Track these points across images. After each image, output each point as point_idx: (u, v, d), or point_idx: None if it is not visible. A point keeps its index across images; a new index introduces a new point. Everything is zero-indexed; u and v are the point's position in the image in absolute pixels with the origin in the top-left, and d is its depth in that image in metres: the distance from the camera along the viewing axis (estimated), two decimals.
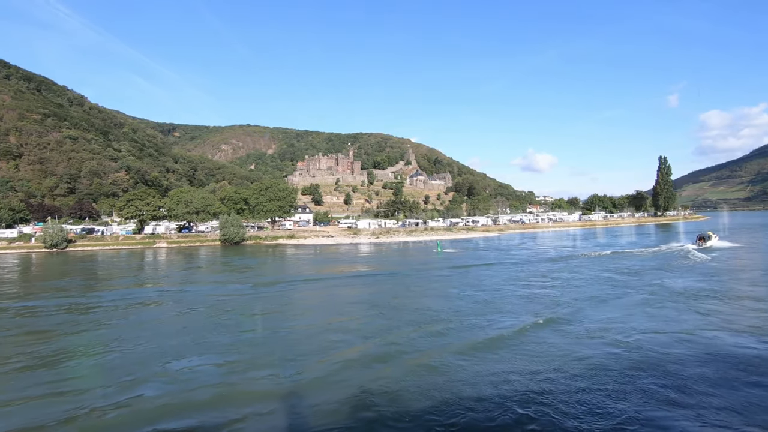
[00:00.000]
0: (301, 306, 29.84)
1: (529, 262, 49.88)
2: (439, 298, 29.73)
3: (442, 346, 18.28)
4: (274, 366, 16.38)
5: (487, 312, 24.64)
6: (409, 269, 46.63)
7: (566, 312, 24.05)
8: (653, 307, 24.90)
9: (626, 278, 35.91)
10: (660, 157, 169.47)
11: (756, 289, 30.13)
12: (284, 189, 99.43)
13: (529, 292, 30.86)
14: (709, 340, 18.48)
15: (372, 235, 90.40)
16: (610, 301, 26.92)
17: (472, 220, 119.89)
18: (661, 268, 41.14)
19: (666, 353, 16.84)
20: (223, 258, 66.56)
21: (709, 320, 21.81)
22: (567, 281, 35.26)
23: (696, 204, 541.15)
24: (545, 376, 14.66)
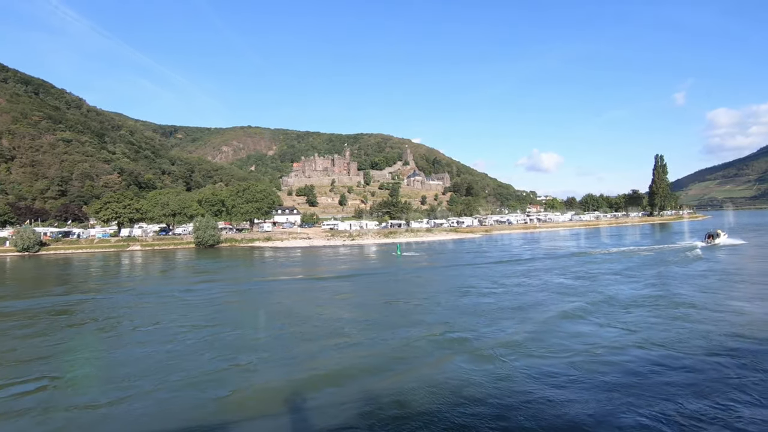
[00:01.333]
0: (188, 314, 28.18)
1: (475, 265, 48.26)
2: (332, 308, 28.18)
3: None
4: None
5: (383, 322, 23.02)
6: (350, 273, 45.08)
7: (433, 331, 22.33)
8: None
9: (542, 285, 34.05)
10: (656, 156, 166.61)
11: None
12: (262, 191, 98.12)
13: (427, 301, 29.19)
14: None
15: (349, 237, 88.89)
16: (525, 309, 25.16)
17: (457, 221, 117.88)
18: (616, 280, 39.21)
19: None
20: (186, 262, 65.35)
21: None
22: (493, 287, 33.55)
23: (702, 203, 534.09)
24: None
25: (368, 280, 40.81)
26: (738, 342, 18.12)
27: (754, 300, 26.50)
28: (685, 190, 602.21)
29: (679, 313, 23.57)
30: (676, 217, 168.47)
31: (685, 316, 22.74)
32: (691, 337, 18.97)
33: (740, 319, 21.99)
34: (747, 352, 16.84)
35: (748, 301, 26.30)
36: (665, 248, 60.86)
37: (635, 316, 23.06)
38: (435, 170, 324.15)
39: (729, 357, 16.33)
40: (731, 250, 54.62)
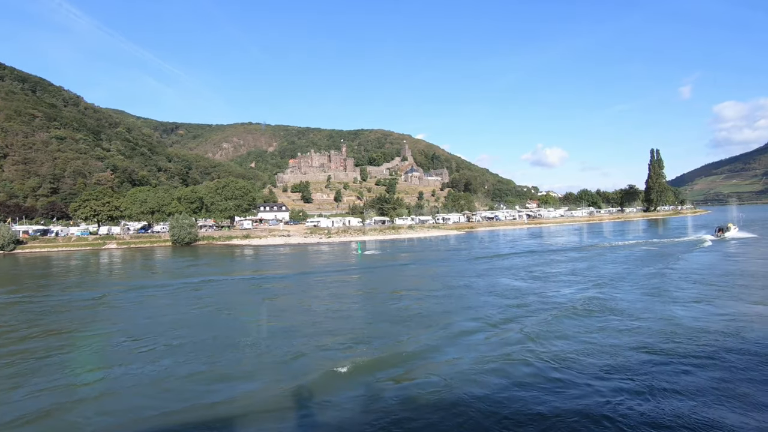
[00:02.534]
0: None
1: (426, 262, 46.79)
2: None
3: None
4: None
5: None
6: (299, 272, 43.75)
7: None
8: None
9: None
10: (651, 150, 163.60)
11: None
12: (242, 188, 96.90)
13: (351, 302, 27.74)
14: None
15: (326, 234, 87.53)
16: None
17: (443, 218, 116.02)
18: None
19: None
20: (151, 261, 64.38)
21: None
22: (423, 290, 32.08)
23: (708, 198, 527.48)
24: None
25: (306, 280, 39.43)
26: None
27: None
28: (690, 185, 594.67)
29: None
30: (673, 213, 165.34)
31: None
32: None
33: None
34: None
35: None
36: (656, 243, 59.09)
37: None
38: (434, 166, 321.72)
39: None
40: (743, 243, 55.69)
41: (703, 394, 13.01)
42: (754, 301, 25.21)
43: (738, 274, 34.48)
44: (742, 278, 32.60)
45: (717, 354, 16.34)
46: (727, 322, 20.84)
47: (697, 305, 24.63)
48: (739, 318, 21.49)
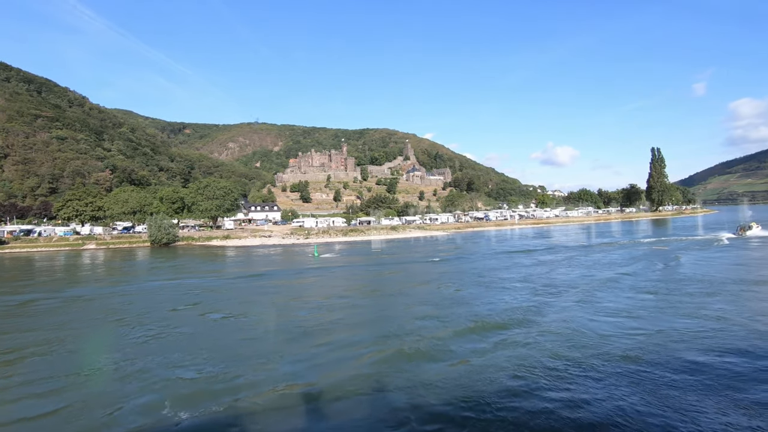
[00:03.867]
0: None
1: (382, 264, 45.22)
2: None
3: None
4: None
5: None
6: (259, 273, 42.46)
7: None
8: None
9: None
10: (652, 149, 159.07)
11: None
12: (223, 187, 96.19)
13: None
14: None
15: (305, 235, 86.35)
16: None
17: (429, 218, 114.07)
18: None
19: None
20: (121, 262, 63.76)
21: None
22: (357, 298, 30.54)
23: (721, 197, 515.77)
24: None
25: (237, 285, 38.09)
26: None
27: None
28: (703, 184, 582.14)
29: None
30: (676, 213, 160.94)
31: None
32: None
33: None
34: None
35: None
36: (638, 243, 56.79)
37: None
38: (437, 165, 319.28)
39: None
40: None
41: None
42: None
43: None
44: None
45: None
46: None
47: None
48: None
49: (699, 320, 21.54)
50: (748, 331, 19.28)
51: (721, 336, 18.87)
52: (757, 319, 21.04)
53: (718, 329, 19.88)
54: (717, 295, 27.16)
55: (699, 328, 20.22)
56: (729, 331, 19.59)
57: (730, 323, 20.71)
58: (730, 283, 30.88)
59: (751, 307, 23.81)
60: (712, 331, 19.56)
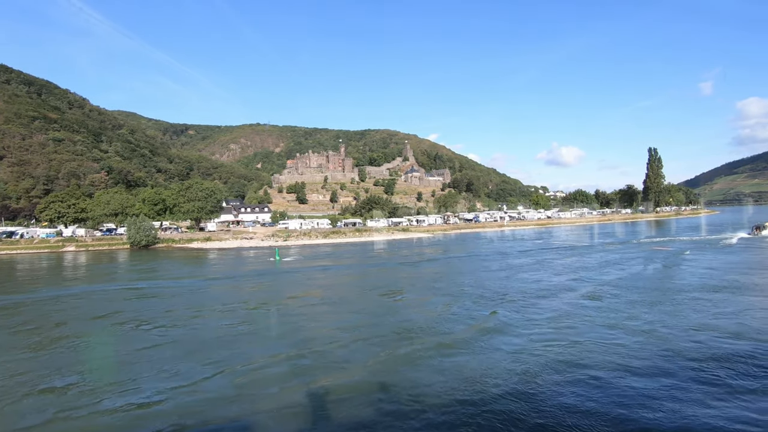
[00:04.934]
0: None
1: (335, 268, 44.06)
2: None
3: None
4: None
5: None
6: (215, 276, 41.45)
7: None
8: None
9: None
10: (649, 149, 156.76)
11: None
12: (205, 189, 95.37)
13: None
14: None
15: (284, 237, 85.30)
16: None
17: (417, 220, 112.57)
18: None
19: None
20: (88, 264, 63.05)
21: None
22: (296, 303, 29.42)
23: (727, 197, 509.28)
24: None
25: (201, 286, 37.10)
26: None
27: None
28: (709, 184, 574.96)
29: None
30: (674, 214, 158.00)
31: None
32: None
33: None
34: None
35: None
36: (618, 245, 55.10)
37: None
38: (436, 166, 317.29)
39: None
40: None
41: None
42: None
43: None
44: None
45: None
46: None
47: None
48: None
49: (619, 332, 20.10)
50: (660, 348, 17.77)
51: (633, 352, 17.40)
52: (676, 335, 19.46)
53: (636, 343, 18.41)
54: (659, 304, 25.62)
55: (613, 341, 18.79)
56: (644, 346, 18.10)
57: (650, 337, 19.22)
58: (686, 290, 29.30)
59: (683, 319, 22.22)
60: (625, 346, 18.09)
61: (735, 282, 31.27)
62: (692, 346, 17.82)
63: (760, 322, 20.94)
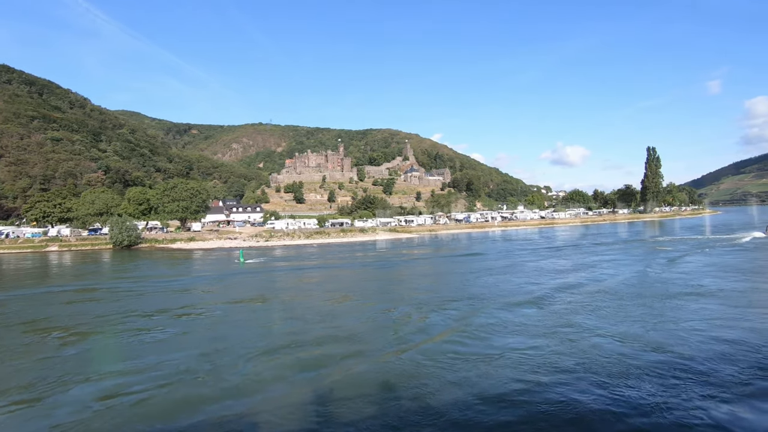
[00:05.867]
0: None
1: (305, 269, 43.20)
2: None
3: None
4: None
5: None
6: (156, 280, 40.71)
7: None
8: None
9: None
10: (648, 148, 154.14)
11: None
12: (190, 189, 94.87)
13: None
14: None
15: (265, 238, 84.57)
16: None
17: (406, 220, 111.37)
18: None
19: None
20: (57, 264, 62.69)
21: None
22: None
23: (734, 197, 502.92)
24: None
25: (152, 288, 36.32)
26: None
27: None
28: (716, 184, 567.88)
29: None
30: (672, 214, 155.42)
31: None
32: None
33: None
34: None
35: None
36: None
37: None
38: (437, 165, 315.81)
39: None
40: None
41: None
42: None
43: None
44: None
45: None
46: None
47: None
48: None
49: (551, 341, 18.91)
50: (564, 364, 16.59)
51: (547, 363, 16.27)
52: (581, 352, 18.23)
53: (550, 354, 17.26)
54: (603, 309, 24.41)
55: (523, 354, 17.59)
56: (557, 358, 16.94)
57: (572, 348, 18.04)
58: (640, 297, 27.97)
59: (615, 330, 20.96)
60: (537, 357, 16.95)
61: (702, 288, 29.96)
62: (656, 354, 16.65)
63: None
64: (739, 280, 32.86)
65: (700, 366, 15.64)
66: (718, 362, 15.98)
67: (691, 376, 14.68)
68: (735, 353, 16.84)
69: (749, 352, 16.86)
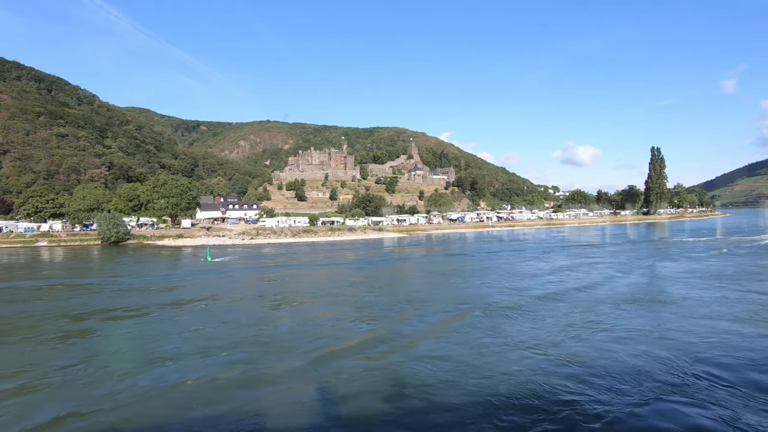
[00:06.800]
0: None
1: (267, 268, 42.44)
2: None
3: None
4: None
5: None
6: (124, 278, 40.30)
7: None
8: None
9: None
10: (652, 148, 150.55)
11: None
12: (180, 186, 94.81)
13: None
14: None
15: (251, 236, 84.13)
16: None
17: (397, 219, 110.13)
18: None
19: None
20: (30, 262, 62.86)
21: None
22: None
23: (749, 199, 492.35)
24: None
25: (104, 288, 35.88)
26: None
27: None
28: (730, 186, 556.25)
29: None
30: (677, 216, 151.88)
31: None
32: None
33: None
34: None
35: None
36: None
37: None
38: (441, 164, 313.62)
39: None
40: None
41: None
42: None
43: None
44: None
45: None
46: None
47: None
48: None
49: (455, 349, 17.80)
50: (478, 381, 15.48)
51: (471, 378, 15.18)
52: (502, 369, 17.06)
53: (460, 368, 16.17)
54: (525, 319, 23.16)
55: (431, 365, 16.52)
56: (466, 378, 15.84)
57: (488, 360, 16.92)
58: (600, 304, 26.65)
59: (531, 340, 19.72)
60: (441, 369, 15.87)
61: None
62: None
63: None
64: (709, 288, 31.35)
65: (596, 380, 14.44)
66: (615, 378, 14.76)
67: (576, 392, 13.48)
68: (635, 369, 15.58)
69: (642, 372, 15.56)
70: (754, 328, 20.90)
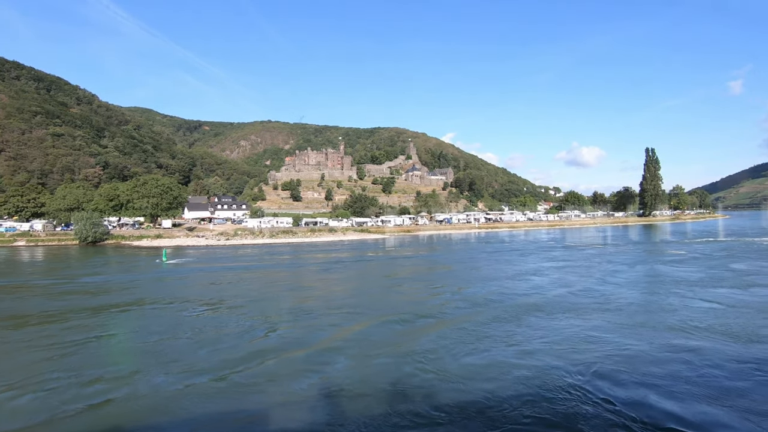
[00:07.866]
0: None
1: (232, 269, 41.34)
2: None
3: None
4: None
5: None
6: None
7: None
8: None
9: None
10: (647, 149, 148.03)
11: None
12: (161, 185, 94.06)
13: None
14: None
15: (227, 237, 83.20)
16: None
17: (382, 220, 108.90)
18: None
19: None
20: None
21: None
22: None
23: (754, 201, 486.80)
24: None
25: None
26: None
27: None
28: (735, 188, 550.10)
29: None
30: (673, 218, 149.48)
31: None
32: None
33: None
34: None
35: None
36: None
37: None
38: (440, 165, 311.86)
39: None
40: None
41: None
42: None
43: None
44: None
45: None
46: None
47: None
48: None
49: (377, 359, 16.56)
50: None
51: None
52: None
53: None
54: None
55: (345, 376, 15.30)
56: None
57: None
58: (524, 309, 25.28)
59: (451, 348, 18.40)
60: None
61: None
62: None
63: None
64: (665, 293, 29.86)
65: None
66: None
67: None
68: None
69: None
70: (684, 340, 19.49)
